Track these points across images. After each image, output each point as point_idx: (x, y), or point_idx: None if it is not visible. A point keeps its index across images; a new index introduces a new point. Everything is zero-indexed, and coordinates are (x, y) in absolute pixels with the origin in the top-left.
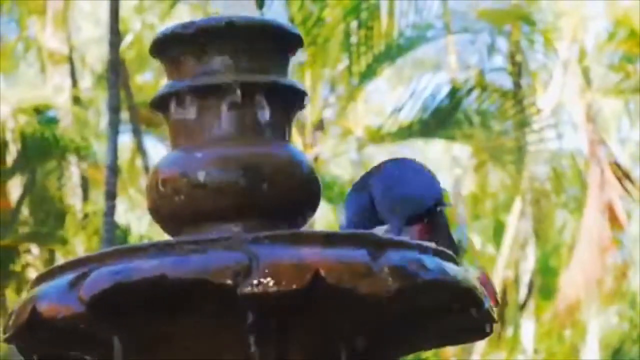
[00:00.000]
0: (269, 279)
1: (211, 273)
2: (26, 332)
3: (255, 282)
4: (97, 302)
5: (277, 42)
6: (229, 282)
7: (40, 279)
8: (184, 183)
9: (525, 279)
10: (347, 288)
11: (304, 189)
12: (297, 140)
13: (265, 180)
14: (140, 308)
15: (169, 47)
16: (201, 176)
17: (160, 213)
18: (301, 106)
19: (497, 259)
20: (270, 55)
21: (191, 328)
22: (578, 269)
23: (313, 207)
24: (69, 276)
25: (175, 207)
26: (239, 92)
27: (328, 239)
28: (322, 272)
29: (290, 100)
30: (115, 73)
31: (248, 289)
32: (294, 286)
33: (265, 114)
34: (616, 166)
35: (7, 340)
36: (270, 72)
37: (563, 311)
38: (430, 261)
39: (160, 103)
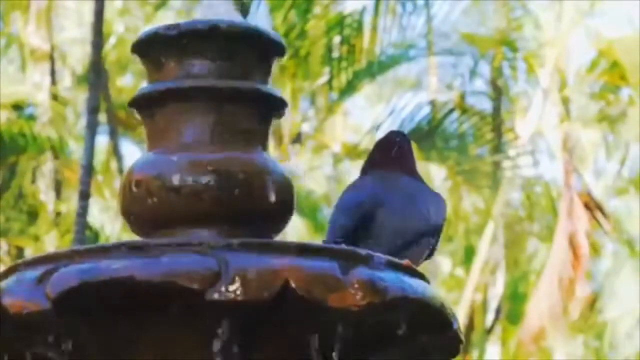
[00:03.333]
0: (237, 286)
1: (180, 276)
2: None
3: (223, 288)
4: (63, 299)
5: (260, 48)
6: (197, 286)
7: (7, 273)
8: (158, 185)
9: (493, 304)
10: (316, 300)
11: (278, 197)
12: (273, 152)
13: (238, 186)
14: (107, 308)
15: (151, 47)
16: (175, 179)
17: (131, 214)
18: (280, 114)
19: (466, 282)
20: (252, 62)
21: (157, 331)
22: (543, 297)
23: (286, 217)
24: (36, 272)
25: (147, 209)
26: (218, 96)
27: (300, 250)
28: (292, 283)
29: (269, 108)
30: (96, 74)
31: (216, 295)
32: (263, 295)
33: (243, 120)
34: (588, 197)
35: None
36: (251, 78)
37: (527, 338)
38: (401, 278)
39: (139, 104)
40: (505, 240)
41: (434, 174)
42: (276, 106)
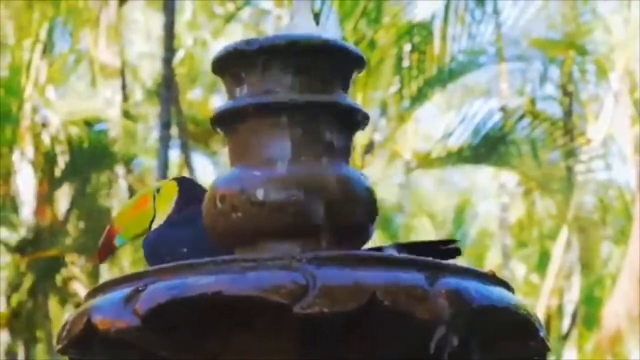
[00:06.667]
0: (324, 299)
1: (268, 291)
2: (80, 344)
3: (311, 302)
4: (152, 316)
5: (339, 62)
6: (285, 301)
7: (96, 291)
8: (243, 200)
9: (569, 309)
10: (402, 311)
11: (362, 210)
12: None
13: (321, 199)
14: (195, 324)
15: (231, 63)
16: (260, 194)
17: (216, 229)
18: (361, 127)
19: (541, 287)
20: (332, 75)
21: (245, 345)
22: (620, 301)
23: (370, 229)
24: (125, 290)
25: (232, 223)
26: (299, 111)
27: (386, 262)
28: (379, 295)
29: (350, 120)
30: (167, 88)
31: (303, 309)
32: (350, 307)
33: (325, 134)
34: None
35: (61, 351)
36: (331, 92)
37: (604, 342)
38: (487, 288)
39: (220, 120)
40: (580, 244)
41: (507, 179)
42: (357, 119)
